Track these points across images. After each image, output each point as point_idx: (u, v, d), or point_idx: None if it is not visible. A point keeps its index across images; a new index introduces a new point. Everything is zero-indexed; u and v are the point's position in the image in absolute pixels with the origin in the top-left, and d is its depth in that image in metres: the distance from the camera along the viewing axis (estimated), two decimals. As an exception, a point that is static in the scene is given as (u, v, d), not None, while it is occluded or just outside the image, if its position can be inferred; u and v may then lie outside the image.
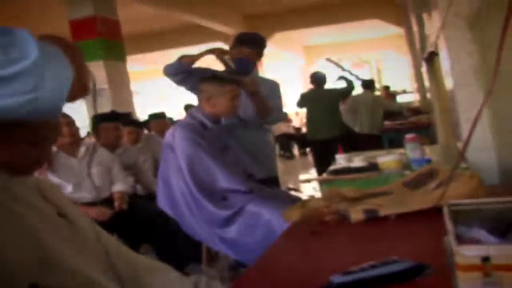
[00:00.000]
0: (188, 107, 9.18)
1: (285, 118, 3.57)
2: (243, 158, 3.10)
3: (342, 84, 6.86)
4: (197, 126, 2.93)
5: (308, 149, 13.78)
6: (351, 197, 1.91)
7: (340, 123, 6.72)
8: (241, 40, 3.40)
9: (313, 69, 17.94)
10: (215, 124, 3.01)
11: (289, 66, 19.10)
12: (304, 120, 15.64)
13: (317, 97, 6.68)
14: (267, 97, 3.31)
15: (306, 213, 1.77)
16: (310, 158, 12.19)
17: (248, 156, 3.15)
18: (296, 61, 19.10)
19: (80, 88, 0.93)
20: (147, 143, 5.09)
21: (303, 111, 14.75)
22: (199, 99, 3.03)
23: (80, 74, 0.91)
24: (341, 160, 3.23)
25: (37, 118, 0.84)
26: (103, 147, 4.15)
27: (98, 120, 4.39)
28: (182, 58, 3.16)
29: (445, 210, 1.15)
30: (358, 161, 3.02)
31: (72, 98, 0.91)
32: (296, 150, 15.14)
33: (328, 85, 6.86)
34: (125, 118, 4.76)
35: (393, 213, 1.66)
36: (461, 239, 1.01)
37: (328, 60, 13.78)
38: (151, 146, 5.05)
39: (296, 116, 16.98)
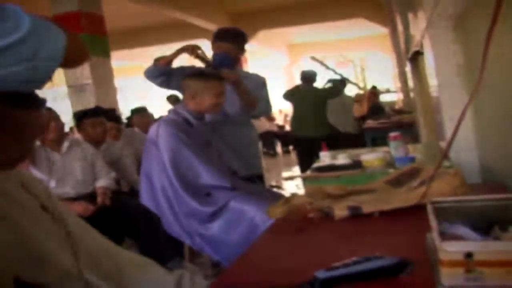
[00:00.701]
0: (170, 98, 9.18)
1: (271, 110, 3.56)
2: (227, 155, 3.10)
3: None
4: (181, 123, 2.93)
5: (291, 147, 13.81)
6: (334, 194, 1.92)
7: (326, 123, 6.73)
8: (218, 36, 3.40)
9: (297, 67, 17.99)
10: (199, 121, 3.01)
11: (273, 65, 19.07)
12: (288, 118, 15.71)
13: (305, 94, 6.67)
14: (252, 90, 3.32)
15: (290, 209, 1.78)
16: (293, 156, 12.20)
17: (232, 153, 3.15)
18: (280, 60, 19.10)
19: (77, 52, 0.94)
20: (129, 139, 5.06)
21: (287, 108, 14.63)
22: (184, 96, 3.03)
23: (73, 39, 0.92)
24: (325, 157, 3.24)
25: (33, 87, 0.86)
26: (87, 142, 4.13)
27: (83, 116, 4.38)
28: (157, 60, 3.20)
29: (429, 207, 1.16)
30: (342, 158, 3.03)
31: (71, 63, 0.93)
32: (279, 148, 15.16)
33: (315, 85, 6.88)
34: (107, 114, 4.74)
35: (377, 210, 1.68)
36: (444, 236, 1.02)
37: (313, 58, 13.79)
38: (133, 142, 5.03)
39: (280, 113, 17.00)
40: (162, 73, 3.19)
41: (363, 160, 2.74)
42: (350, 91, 8.89)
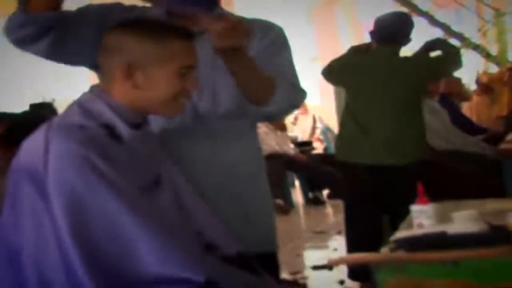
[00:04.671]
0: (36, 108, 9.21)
1: (303, 100, 3.47)
2: (196, 208, 3.10)
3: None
4: (97, 133, 2.90)
5: (326, 192, 13.85)
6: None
7: (422, 136, 6.74)
8: None
9: (335, 12, 18.28)
10: (138, 130, 3.00)
11: (287, 8, 19.34)
12: (319, 126, 15.82)
13: (382, 68, 6.63)
14: (260, 59, 3.25)
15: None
16: (330, 209, 12.25)
17: (207, 204, 3.16)
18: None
19: None
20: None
21: (316, 104, 15.03)
22: (106, 72, 3.02)
23: None
24: (423, 215, 3.25)
25: None
26: None
27: None
28: (24, 2, 3.04)
29: None
30: (462, 220, 3.04)
31: None
32: (298, 193, 15.20)
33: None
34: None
35: None
36: None
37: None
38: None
39: (304, 115, 17.03)
40: (42, 25, 3.08)
41: (513, 225, 2.73)
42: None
